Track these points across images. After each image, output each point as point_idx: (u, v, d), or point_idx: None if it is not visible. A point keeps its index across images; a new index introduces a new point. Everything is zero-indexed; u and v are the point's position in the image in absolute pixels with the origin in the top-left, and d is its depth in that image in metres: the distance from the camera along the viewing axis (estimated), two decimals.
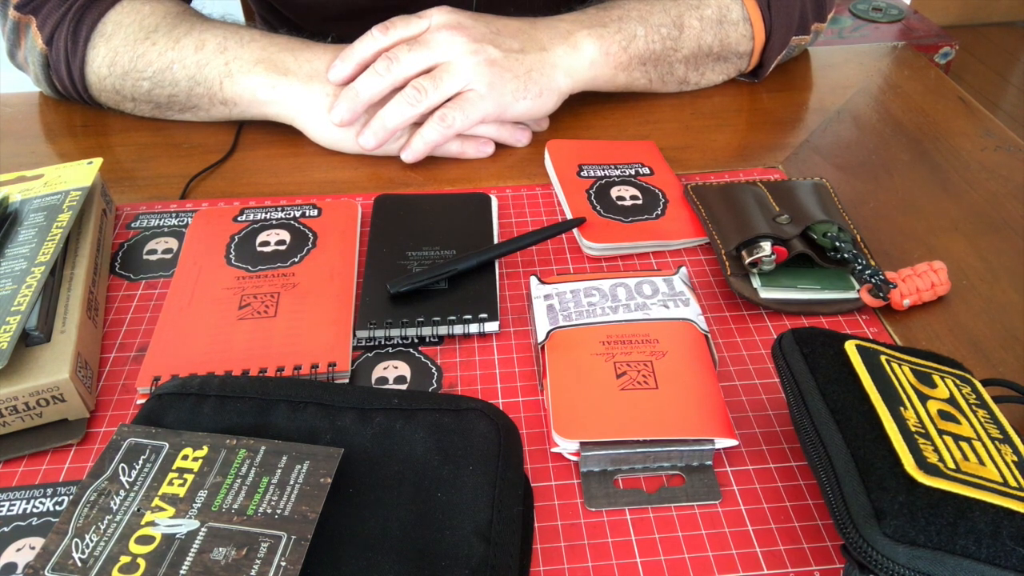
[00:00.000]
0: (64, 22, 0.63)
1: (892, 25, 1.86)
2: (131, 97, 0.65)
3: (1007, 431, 0.36)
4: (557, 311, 0.46)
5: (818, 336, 0.40)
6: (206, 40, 0.62)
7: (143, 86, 0.63)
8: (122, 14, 0.63)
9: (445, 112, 0.58)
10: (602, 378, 0.42)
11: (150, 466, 0.35)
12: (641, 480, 0.39)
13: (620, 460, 0.39)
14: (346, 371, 0.44)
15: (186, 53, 0.61)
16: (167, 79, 0.62)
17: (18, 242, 0.47)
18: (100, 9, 0.63)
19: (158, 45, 0.62)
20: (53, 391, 0.40)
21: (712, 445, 0.39)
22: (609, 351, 0.44)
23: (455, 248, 0.51)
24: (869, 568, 0.31)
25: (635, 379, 0.42)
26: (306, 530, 0.32)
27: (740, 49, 0.68)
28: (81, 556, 0.31)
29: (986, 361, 0.46)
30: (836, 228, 0.50)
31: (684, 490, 0.39)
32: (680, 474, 0.39)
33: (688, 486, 0.39)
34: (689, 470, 0.39)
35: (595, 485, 0.39)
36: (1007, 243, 0.54)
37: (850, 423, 0.35)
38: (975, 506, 0.31)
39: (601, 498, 0.38)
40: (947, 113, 0.68)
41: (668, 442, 0.39)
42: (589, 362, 0.43)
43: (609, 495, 0.39)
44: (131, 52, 0.62)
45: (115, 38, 0.63)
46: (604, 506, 0.38)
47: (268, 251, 0.51)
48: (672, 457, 0.39)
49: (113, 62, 0.63)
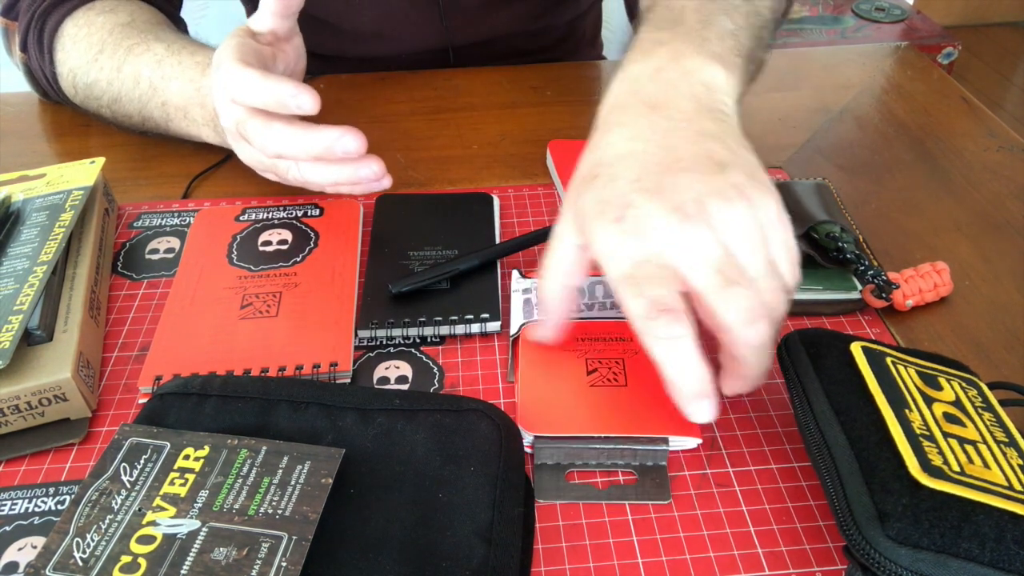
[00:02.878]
0: (30, 30, 0.61)
1: (895, 25, 1.86)
2: (106, 118, 0.62)
3: (1013, 434, 0.36)
4: (533, 305, 0.46)
5: (823, 337, 0.40)
6: (140, 73, 0.58)
7: (105, 113, 0.61)
8: (77, 26, 0.61)
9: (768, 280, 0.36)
10: (572, 374, 0.42)
11: (151, 466, 0.35)
12: (596, 476, 0.39)
13: (574, 455, 0.40)
14: (347, 371, 0.44)
15: (127, 86, 0.58)
16: (120, 110, 0.60)
17: (20, 241, 0.47)
18: (57, 18, 0.61)
19: (105, 71, 0.59)
20: (55, 390, 0.40)
21: (666, 445, 0.39)
22: (581, 347, 0.44)
23: (457, 248, 0.51)
24: (872, 570, 0.31)
25: (605, 376, 0.42)
26: (307, 530, 0.32)
27: None
28: (82, 555, 0.31)
29: (988, 362, 0.46)
30: (838, 228, 0.50)
31: (635, 489, 0.39)
32: (633, 472, 0.39)
33: (639, 485, 0.39)
34: (642, 469, 0.39)
35: (547, 477, 0.39)
36: (1010, 243, 0.54)
37: (854, 425, 0.35)
38: (979, 509, 0.31)
39: (551, 491, 0.39)
40: (950, 113, 0.68)
41: (623, 439, 0.39)
42: (560, 357, 0.43)
43: (560, 488, 0.39)
44: (85, 76, 0.60)
45: (72, 56, 0.61)
46: (553, 499, 0.38)
47: (270, 251, 0.51)
48: (625, 455, 0.40)
49: (75, 84, 0.61)
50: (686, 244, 0.36)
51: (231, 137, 0.52)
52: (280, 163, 0.50)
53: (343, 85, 0.72)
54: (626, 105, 0.41)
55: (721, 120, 0.40)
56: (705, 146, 0.38)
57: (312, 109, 0.46)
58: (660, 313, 0.35)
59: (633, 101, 0.41)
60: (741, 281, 0.35)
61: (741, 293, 0.35)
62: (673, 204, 0.36)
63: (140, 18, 0.62)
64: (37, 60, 0.62)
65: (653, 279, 0.35)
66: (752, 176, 0.37)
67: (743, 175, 0.37)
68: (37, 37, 0.62)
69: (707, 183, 0.36)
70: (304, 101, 0.45)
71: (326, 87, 0.71)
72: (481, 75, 0.74)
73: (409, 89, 0.71)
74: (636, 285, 0.36)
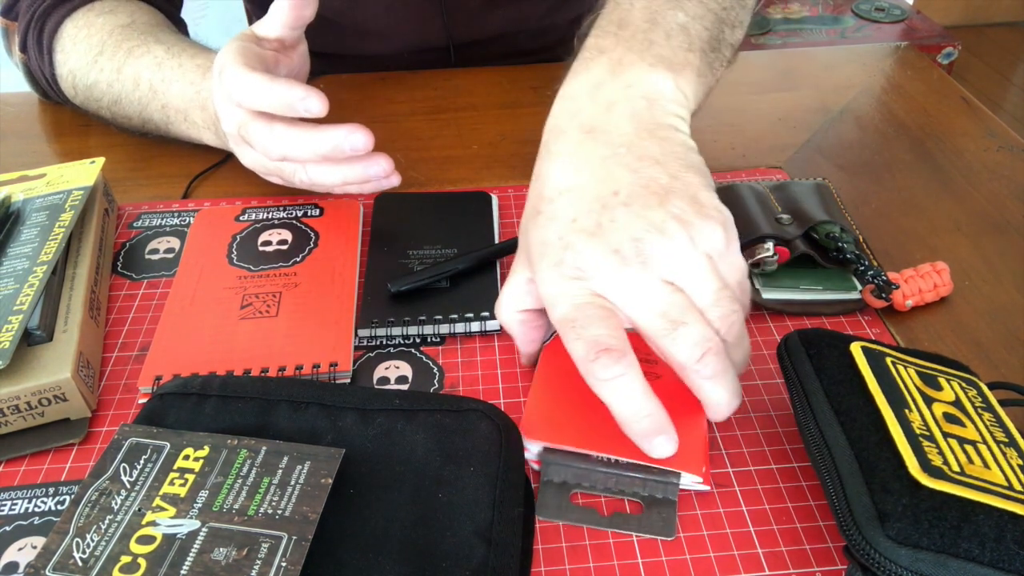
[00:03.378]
0: (30, 31, 0.61)
1: (895, 25, 1.86)
2: (106, 119, 0.62)
3: (1013, 435, 0.36)
4: None
5: (823, 337, 0.40)
6: (140, 75, 0.57)
7: (105, 114, 0.61)
8: (77, 27, 0.61)
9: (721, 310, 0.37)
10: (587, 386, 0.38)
11: (151, 466, 0.35)
12: (601, 500, 0.38)
13: (582, 476, 0.38)
14: (347, 371, 0.44)
15: (127, 88, 0.58)
16: (120, 112, 0.60)
17: (20, 241, 0.47)
18: (56, 19, 0.61)
19: (105, 73, 0.59)
20: (55, 390, 0.40)
21: (677, 479, 0.38)
22: None
23: (456, 247, 0.51)
24: (871, 570, 0.31)
25: None
26: (307, 531, 0.32)
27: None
28: (82, 556, 0.31)
29: (988, 362, 0.46)
30: (838, 228, 0.50)
31: (639, 520, 0.37)
32: (640, 503, 0.38)
33: (644, 516, 0.37)
34: (651, 501, 0.38)
35: (551, 495, 0.38)
36: (1009, 243, 0.54)
37: (854, 425, 0.35)
38: (979, 509, 0.31)
39: (552, 508, 0.37)
40: (950, 113, 0.68)
41: (635, 467, 0.38)
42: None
43: (561, 508, 0.37)
44: (84, 78, 0.60)
45: (71, 58, 0.60)
46: (553, 518, 0.37)
47: (270, 251, 0.51)
48: (635, 484, 0.38)
49: (75, 85, 0.61)
50: (626, 288, 0.36)
51: (233, 141, 0.52)
52: (286, 167, 0.49)
53: (343, 85, 0.72)
54: (564, 129, 0.41)
55: (663, 139, 0.39)
56: (644, 174, 0.38)
57: (321, 111, 0.46)
58: (599, 354, 0.35)
59: (571, 125, 0.41)
60: (687, 319, 0.35)
61: (686, 333, 0.35)
62: (611, 246, 0.36)
63: (140, 19, 0.62)
64: (36, 61, 0.62)
65: (592, 320, 0.36)
66: (695, 201, 0.37)
67: (685, 202, 0.37)
68: (36, 38, 0.61)
69: (645, 218, 0.36)
70: (312, 104, 0.45)
71: (326, 87, 0.71)
72: (481, 75, 0.74)
73: (409, 89, 0.72)
74: (575, 328, 0.36)
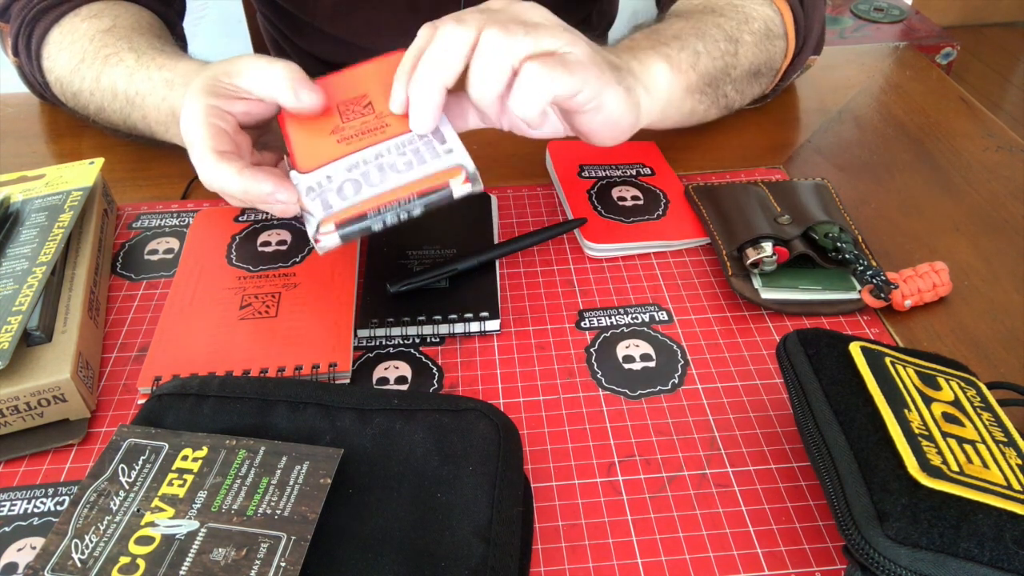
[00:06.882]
0: (19, 36, 0.61)
1: (893, 25, 1.86)
2: (98, 125, 0.62)
3: (1011, 434, 0.36)
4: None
5: (822, 337, 0.40)
6: (116, 86, 0.57)
7: (96, 121, 0.61)
8: (62, 33, 0.60)
9: (550, 60, 0.42)
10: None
11: (150, 467, 0.35)
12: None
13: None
14: (347, 371, 0.44)
15: (107, 98, 0.58)
16: (106, 120, 0.60)
17: (19, 242, 0.47)
18: (44, 25, 0.60)
19: (87, 82, 0.58)
20: (54, 391, 0.40)
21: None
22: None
23: (455, 248, 0.51)
24: (871, 570, 0.31)
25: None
26: (306, 531, 0.32)
27: (775, 65, 0.62)
28: (81, 556, 0.31)
29: (987, 362, 0.46)
30: (837, 229, 0.50)
31: None
32: None
33: None
34: None
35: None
36: (1008, 243, 0.54)
37: (854, 425, 0.35)
38: (978, 509, 0.31)
39: None
40: (948, 114, 0.68)
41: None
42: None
43: None
44: (70, 86, 0.60)
45: (57, 65, 0.60)
46: None
47: (269, 251, 0.51)
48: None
49: (63, 92, 0.61)
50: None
51: None
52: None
53: None
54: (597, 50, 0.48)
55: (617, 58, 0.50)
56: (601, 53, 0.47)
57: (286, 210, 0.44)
58: None
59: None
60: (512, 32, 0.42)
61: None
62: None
63: (121, 23, 0.60)
64: (28, 66, 0.62)
65: None
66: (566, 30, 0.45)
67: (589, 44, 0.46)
68: (26, 43, 0.61)
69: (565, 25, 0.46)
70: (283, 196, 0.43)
71: None
72: None
73: None
74: None
